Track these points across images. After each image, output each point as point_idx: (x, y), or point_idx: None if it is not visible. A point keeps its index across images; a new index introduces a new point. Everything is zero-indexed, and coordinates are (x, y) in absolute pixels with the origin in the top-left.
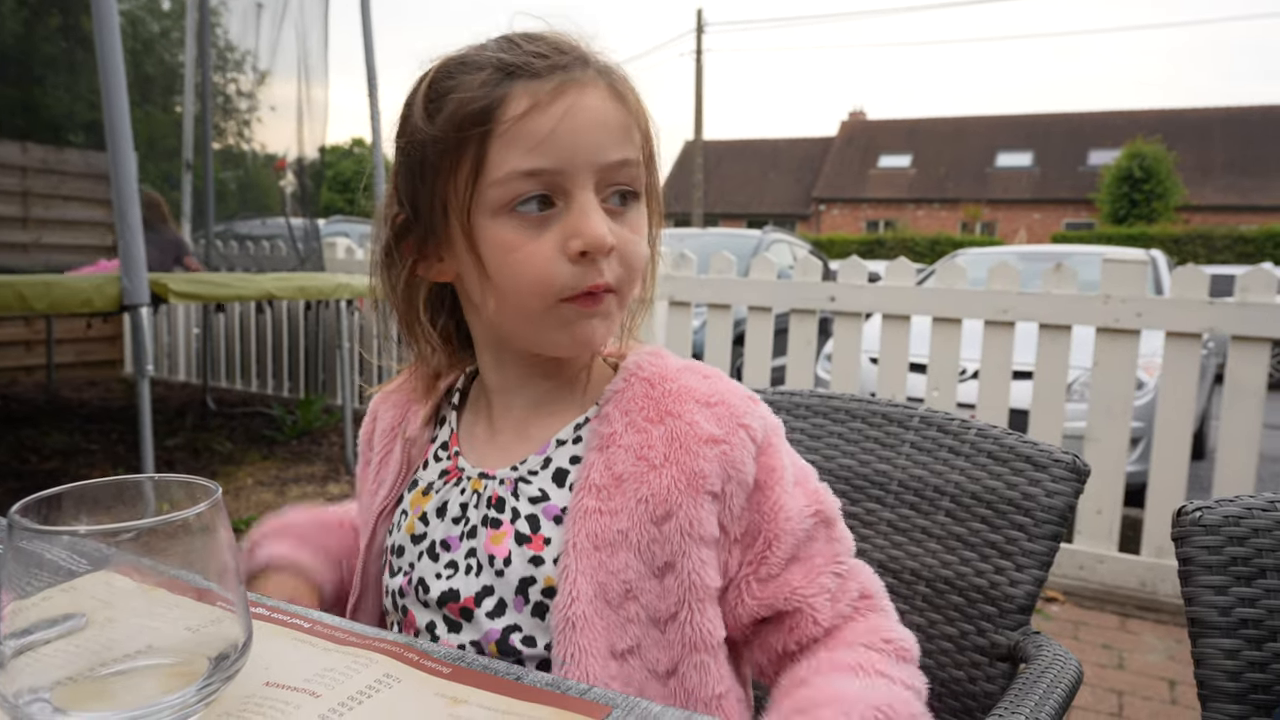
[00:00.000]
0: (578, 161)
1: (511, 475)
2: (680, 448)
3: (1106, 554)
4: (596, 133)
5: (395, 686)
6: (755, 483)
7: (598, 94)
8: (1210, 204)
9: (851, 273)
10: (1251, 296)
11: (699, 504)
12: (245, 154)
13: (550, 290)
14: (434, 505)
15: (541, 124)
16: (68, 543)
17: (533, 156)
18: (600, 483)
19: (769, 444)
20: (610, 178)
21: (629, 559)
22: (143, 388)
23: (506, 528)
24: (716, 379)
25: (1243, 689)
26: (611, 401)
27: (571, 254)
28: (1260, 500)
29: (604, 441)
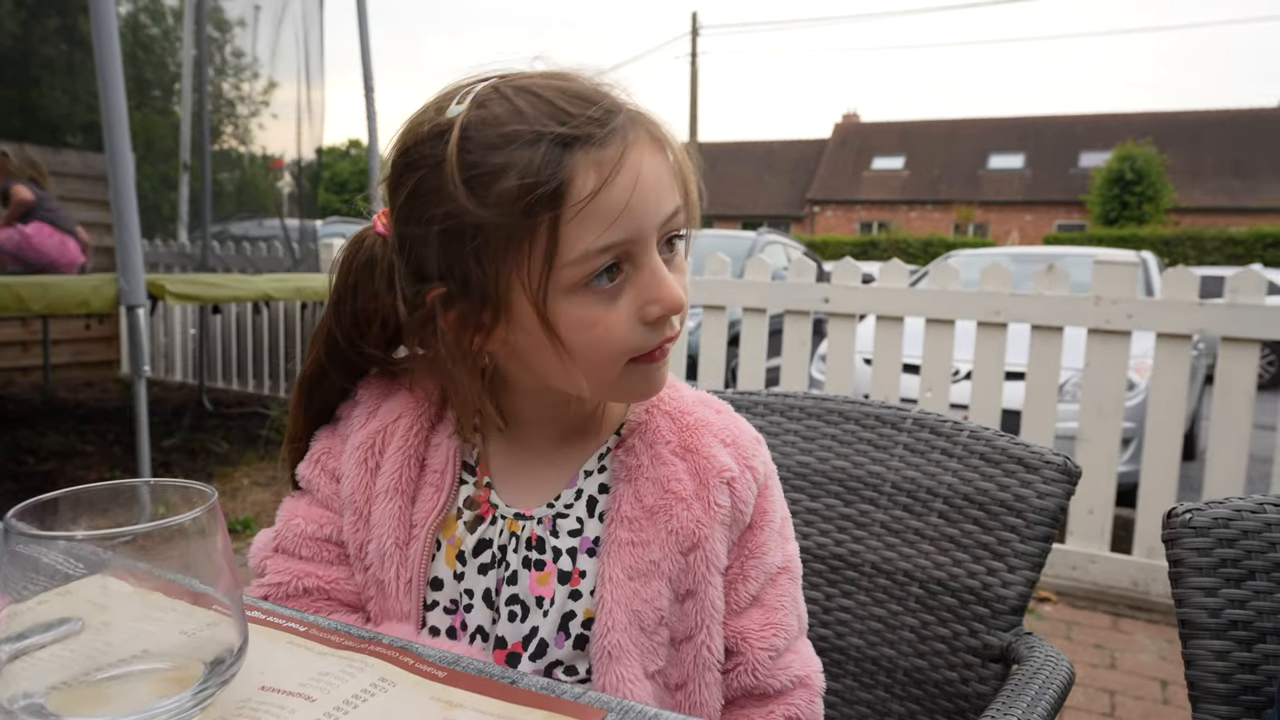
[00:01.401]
0: (646, 228)
1: (549, 513)
2: (702, 483)
3: (1098, 554)
4: (657, 193)
5: (390, 690)
6: (750, 521)
7: (648, 150)
8: (1200, 206)
9: (845, 274)
10: (1241, 298)
11: (718, 536)
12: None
13: (626, 355)
14: (470, 544)
15: (615, 199)
16: (64, 547)
17: (610, 233)
18: (631, 514)
19: (767, 486)
20: (667, 230)
21: (661, 587)
22: (139, 388)
23: (550, 568)
24: (728, 415)
25: (1233, 690)
26: (635, 433)
27: (649, 319)
28: (1249, 503)
29: (631, 474)
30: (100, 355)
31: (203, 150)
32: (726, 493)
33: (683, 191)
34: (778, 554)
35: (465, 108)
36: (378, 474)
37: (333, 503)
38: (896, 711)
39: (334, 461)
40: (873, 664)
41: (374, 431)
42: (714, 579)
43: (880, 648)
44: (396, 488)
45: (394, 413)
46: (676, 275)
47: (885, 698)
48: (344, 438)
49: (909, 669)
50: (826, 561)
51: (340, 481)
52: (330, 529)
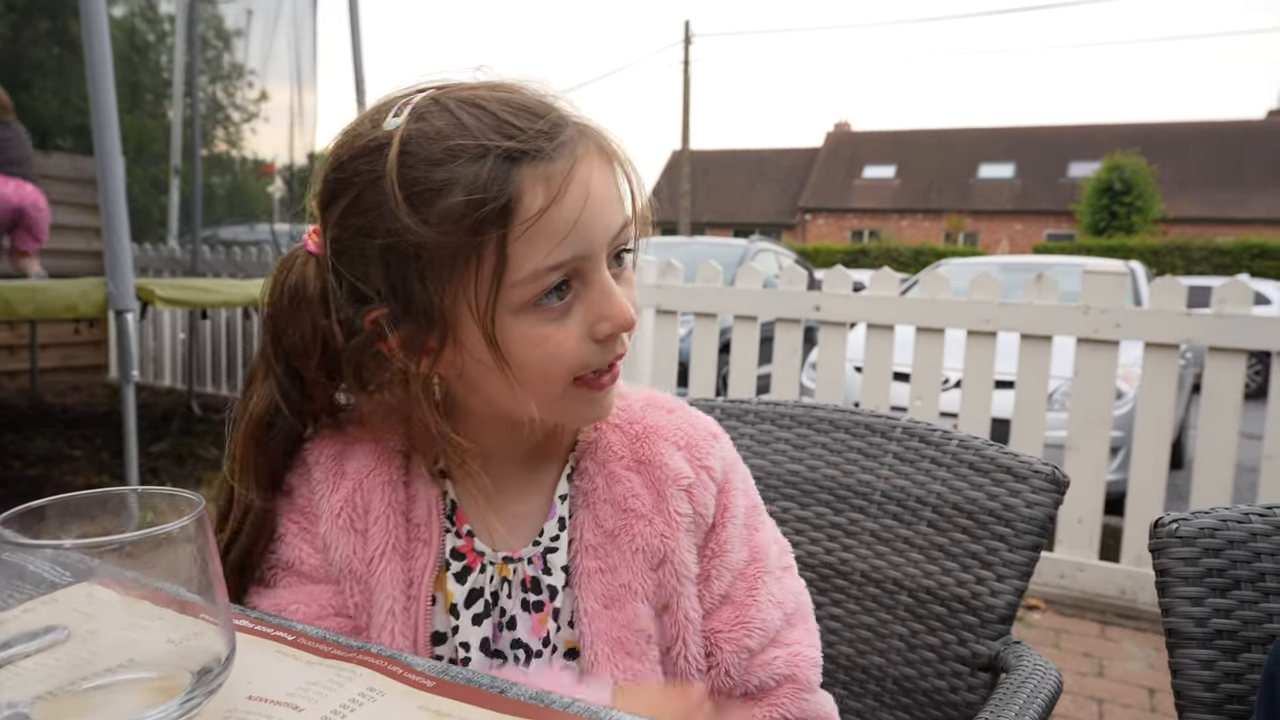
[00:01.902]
0: (596, 245)
1: (537, 551)
2: (660, 494)
3: (1087, 562)
4: (607, 208)
5: (379, 700)
6: (712, 521)
7: (597, 164)
8: (1188, 216)
9: (836, 282)
10: (1228, 308)
11: (684, 545)
12: (233, 160)
13: (574, 373)
14: (461, 596)
15: (564, 215)
16: (51, 555)
17: (560, 250)
18: (594, 541)
19: (727, 482)
20: (616, 245)
21: (638, 608)
22: (127, 393)
23: (549, 607)
24: (680, 413)
25: (1219, 699)
26: (586, 454)
27: (599, 336)
28: (1235, 512)
29: (587, 498)
30: (88, 360)
31: (193, 154)
32: (685, 500)
33: (631, 204)
34: (743, 549)
35: (404, 120)
36: (368, 537)
37: (324, 573)
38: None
39: (312, 533)
40: (862, 672)
41: (349, 493)
42: (686, 589)
43: (870, 656)
44: (394, 547)
45: (364, 469)
46: (625, 289)
47: (874, 706)
48: (312, 512)
49: (898, 677)
50: (816, 570)
51: (329, 550)
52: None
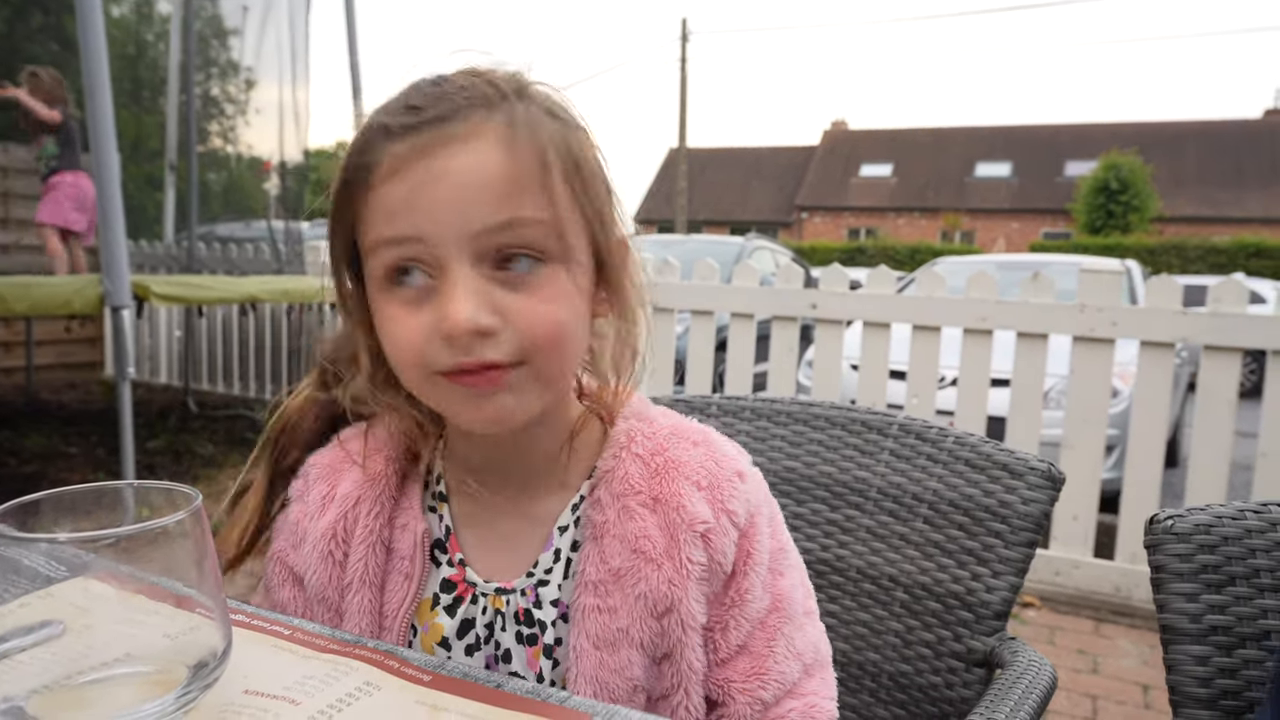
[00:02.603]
0: (441, 232)
1: (530, 584)
2: (674, 539)
3: (1082, 559)
4: (464, 196)
5: (375, 694)
6: (732, 569)
7: (476, 149)
8: (1184, 215)
9: (833, 280)
10: (1224, 307)
11: (694, 595)
12: (229, 157)
13: (423, 367)
14: (452, 628)
15: (397, 191)
16: (46, 549)
17: (392, 225)
18: (597, 578)
19: (751, 526)
20: (494, 244)
21: (631, 655)
22: (123, 390)
23: (541, 642)
24: (706, 447)
25: (1213, 695)
26: (602, 484)
27: (442, 335)
28: (1230, 509)
29: (597, 530)
30: (84, 357)
31: (189, 151)
32: (701, 547)
33: (553, 205)
34: (765, 596)
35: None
36: (345, 565)
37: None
38: (881, 716)
39: (294, 557)
40: (858, 669)
41: (334, 521)
42: (692, 639)
43: (865, 652)
44: (364, 579)
45: (351, 498)
46: (519, 300)
47: (870, 702)
48: (300, 533)
49: (894, 673)
50: (812, 566)
51: (304, 579)
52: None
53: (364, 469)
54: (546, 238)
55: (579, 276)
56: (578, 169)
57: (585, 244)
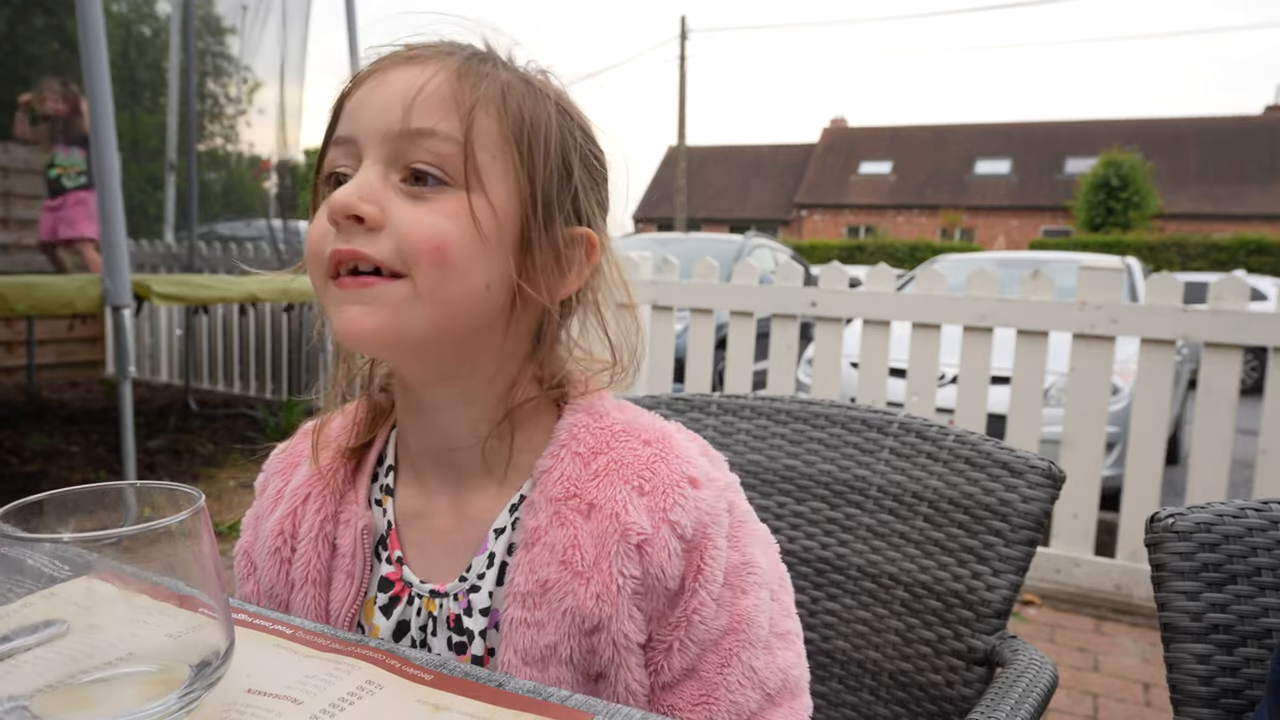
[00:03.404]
0: (365, 130)
1: (462, 588)
2: (604, 551)
3: (1082, 557)
4: (390, 101)
5: (377, 693)
6: (680, 584)
7: (421, 70)
8: (1184, 212)
9: (832, 278)
10: (1224, 304)
11: (628, 613)
12: (229, 156)
13: (318, 263)
14: (388, 630)
15: (351, 95)
16: (49, 549)
17: (339, 128)
18: (525, 589)
19: (703, 539)
20: (406, 152)
21: (561, 672)
22: (124, 389)
23: (470, 652)
24: (659, 446)
25: (1214, 693)
26: (539, 484)
27: (329, 219)
28: (1231, 507)
29: (530, 536)
30: (85, 356)
31: (189, 150)
32: (635, 559)
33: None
34: (721, 616)
35: None
36: (293, 561)
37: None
38: (881, 715)
39: (254, 551)
40: (858, 667)
41: (283, 517)
42: (627, 659)
43: (865, 651)
44: (307, 576)
45: (301, 494)
46: (408, 207)
47: (870, 700)
48: (258, 524)
49: (894, 672)
50: (812, 565)
51: (257, 570)
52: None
53: (314, 462)
54: (455, 161)
55: (486, 214)
56: (524, 126)
57: (511, 196)
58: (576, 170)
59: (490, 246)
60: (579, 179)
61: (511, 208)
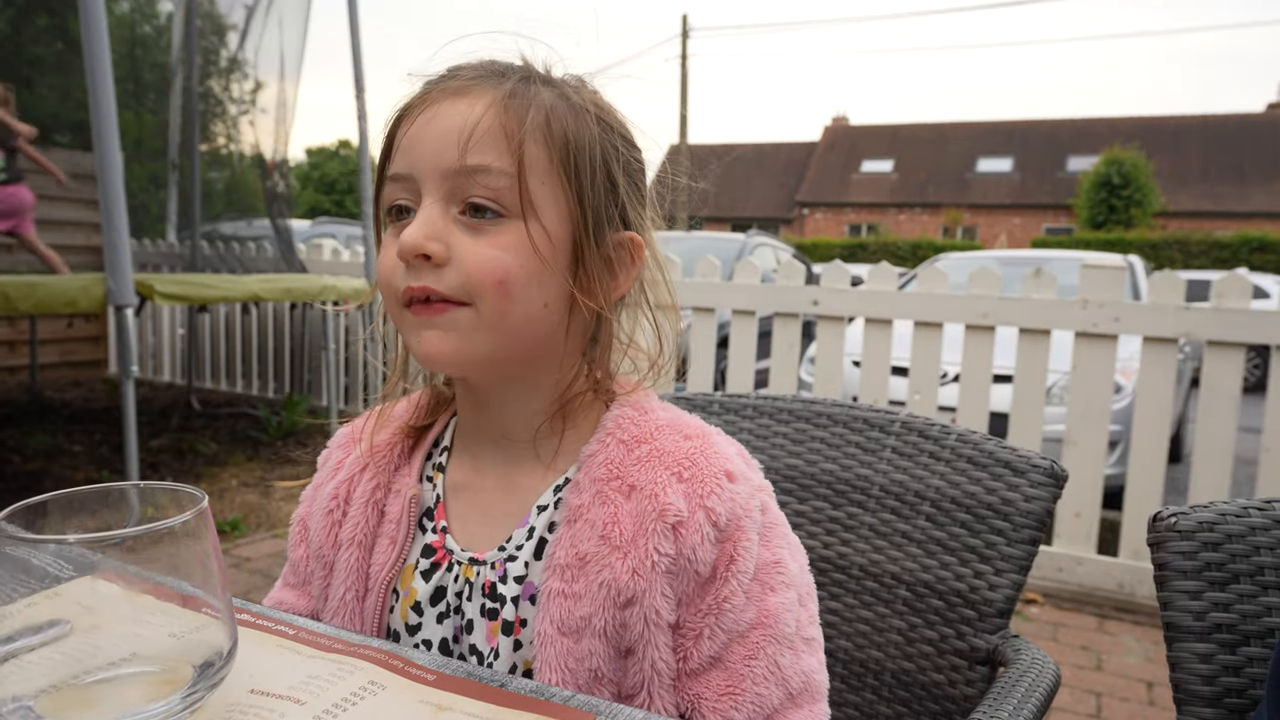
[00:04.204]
0: (422, 167)
1: (500, 557)
2: (642, 528)
3: (1085, 556)
4: (444, 139)
5: (380, 694)
6: (711, 572)
7: (470, 104)
8: (1186, 210)
9: (834, 277)
10: (1227, 302)
11: (660, 590)
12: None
13: (391, 293)
14: (426, 594)
15: (405, 131)
16: (54, 549)
17: (395, 162)
18: (565, 562)
19: (736, 529)
20: (464, 187)
21: (594, 644)
22: (127, 388)
23: (501, 618)
24: (699, 441)
25: (1217, 693)
26: (585, 467)
27: (397, 256)
28: (1234, 506)
29: (572, 514)
30: (88, 355)
31: (191, 150)
32: (670, 538)
33: (521, 165)
34: (750, 609)
35: None
36: (342, 524)
37: (302, 569)
38: (884, 714)
39: (308, 517)
40: (860, 666)
41: (340, 484)
42: (657, 637)
43: (868, 650)
44: (353, 539)
45: (358, 464)
46: (468, 240)
47: (873, 700)
48: (316, 492)
49: (896, 671)
50: (815, 564)
51: (309, 534)
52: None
53: (370, 440)
54: (511, 193)
55: (541, 241)
56: (570, 146)
57: (563, 217)
58: (620, 180)
59: (547, 269)
60: (623, 187)
61: (564, 228)
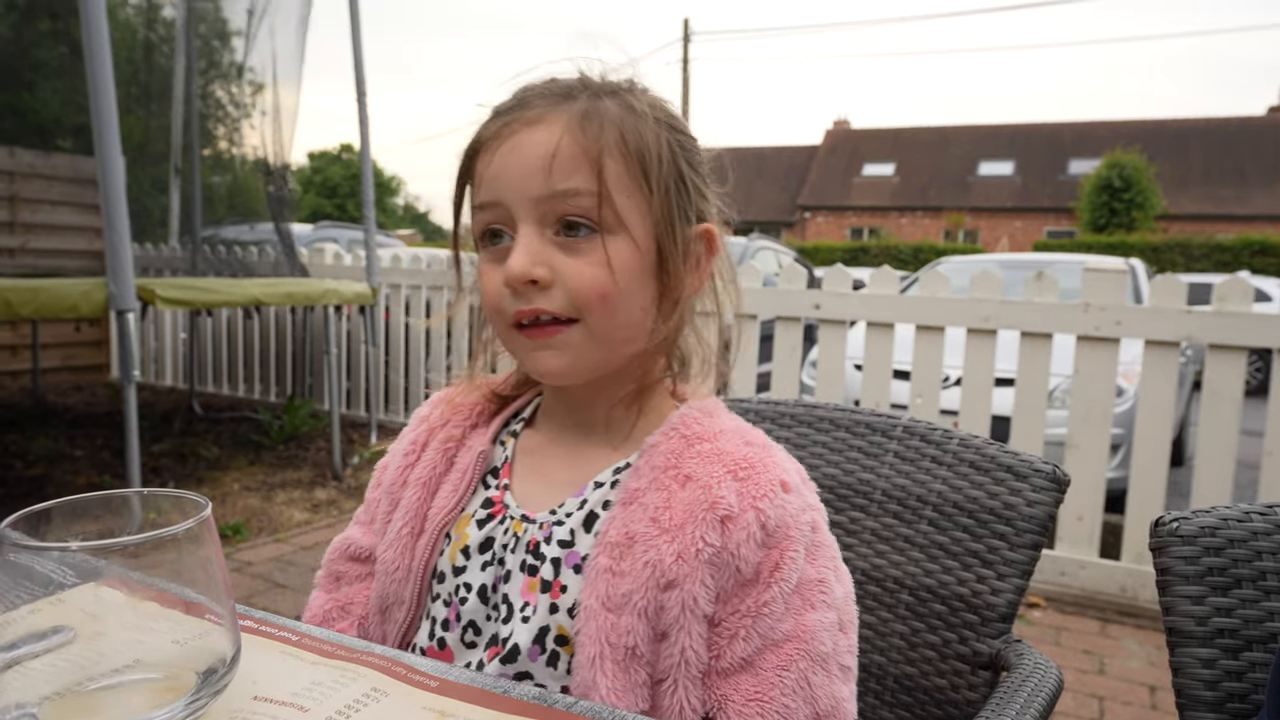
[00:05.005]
0: (511, 196)
1: (549, 519)
2: (692, 517)
3: (1087, 560)
4: (530, 167)
5: (383, 700)
6: (755, 574)
7: (549, 128)
8: (1188, 213)
9: (836, 281)
10: (1228, 305)
11: (701, 578)
12: (234, 159)
13: (501, 316)
14: (476, 541)
15: (487, 163)
16: (57, 556)
17: (482, 192)
18: (615, 539)
19: (784, 537)
20: (555, 210)
21: (633, 622)
22: (129, 393)
23: (540, 576)
24: (760, 449)
25: (1220, 698)
26: (646, 454)
27: (507, 284)
28: (1236, 511)
29: (629, 496)
30: (90, 359)
31: (193, 154)
32: (718, 530)
33: (603, 182)
34: (788, 620)
35: None
36: (415, 466)
37: (373, 508)
38: (886, 719)
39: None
40: (863, 671)
41: (423, 431)
42: (691, 625)
43: (870, 655)
44: (420, 479)
45: (443, 418)
46: (568, 260)
47: (875, 705)
48: (397, 441)
49: (899, 676)
50: None
51: (384, 473)
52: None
53: (452, 402)
54: (599, 210)
55: (632, 251)
56: (643, 155)
57: (645, 223)
58: (688, 174)
59: (640, 276)
60: (690, 181)
61: (648, 233)
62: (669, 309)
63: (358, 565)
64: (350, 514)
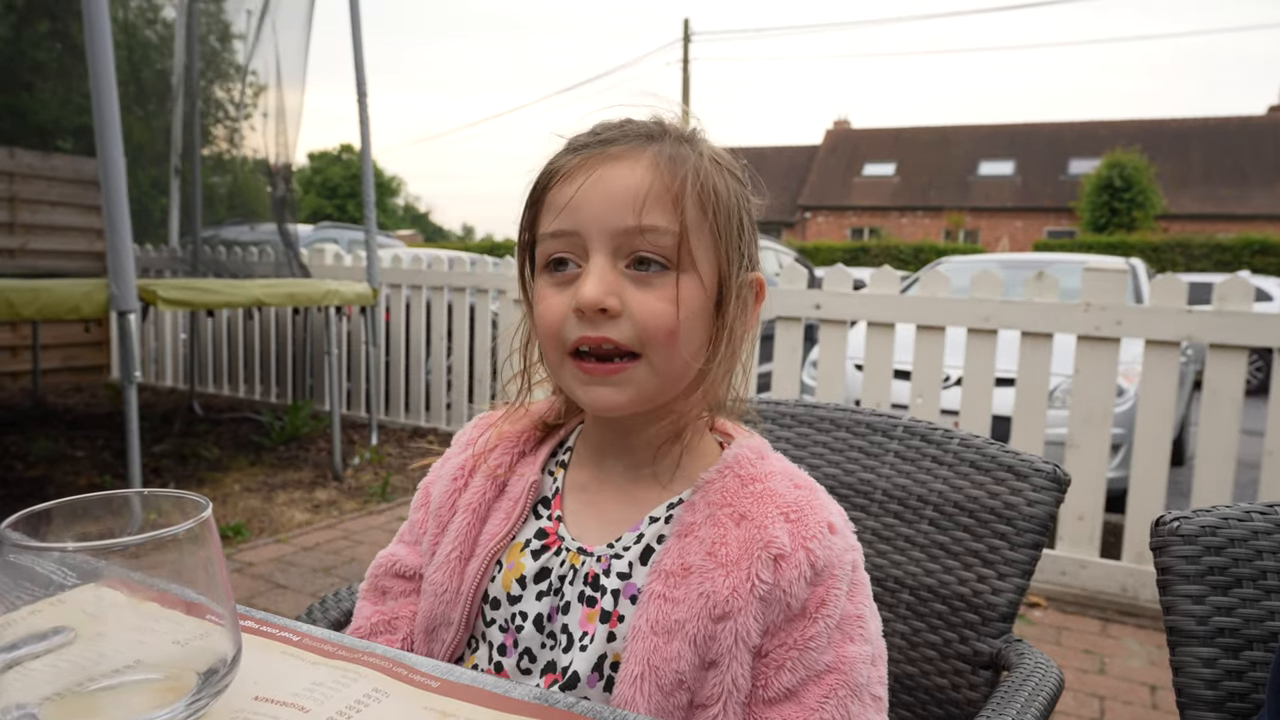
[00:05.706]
0: (592, 227)
1: (608, 553)
2: (747, 554)
3: (1088, 559)
4: (613, 200)
5: (384, 700)
6: (802, 609)
7: (631, 165)
8: (1188, 213)
9: (837, 281)
10: (1229, 305)
11: (753, 611)
12: (235, 160)
13: (558, 342)
14: (532, 570)
15: (565, 192)
16: (58, 557)
17: (556, 220)
18: (670, 569)
19: (830, 576)
20: (630, 244)
21: (682, 648)
22: (129, 394)
23: (599, 606)
24: (808, 492)
25: (1220, 697)
26: (701, 490)
27: (575, 309)
28: (1236, 510)
29: (684, 529)
30: (90, 360)
31: (193, 155)
32: (771, 569)
33: (681, 222)
34: (829, 652)
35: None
36: (463, 492)
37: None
38: (887, 719)
39: (434, 483)
40: None
41: (470, 456)
42: (741, 655)
43: None
44: (470, 506)
45: (490, 444)
46: (638, 293)
47: None
48: (442, 465)
49: (900, 675)
50: None
51: (431, 498)
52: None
53: (501, 428)
54: (673, 248)
55: (699, 291)
56: (716, 201)
57: (711, 266)
58: (746, 223)
59: (701, 316)
60: (748, 231)
61: (713, 276)
62: (717, 350)
63: (402, 582)
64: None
